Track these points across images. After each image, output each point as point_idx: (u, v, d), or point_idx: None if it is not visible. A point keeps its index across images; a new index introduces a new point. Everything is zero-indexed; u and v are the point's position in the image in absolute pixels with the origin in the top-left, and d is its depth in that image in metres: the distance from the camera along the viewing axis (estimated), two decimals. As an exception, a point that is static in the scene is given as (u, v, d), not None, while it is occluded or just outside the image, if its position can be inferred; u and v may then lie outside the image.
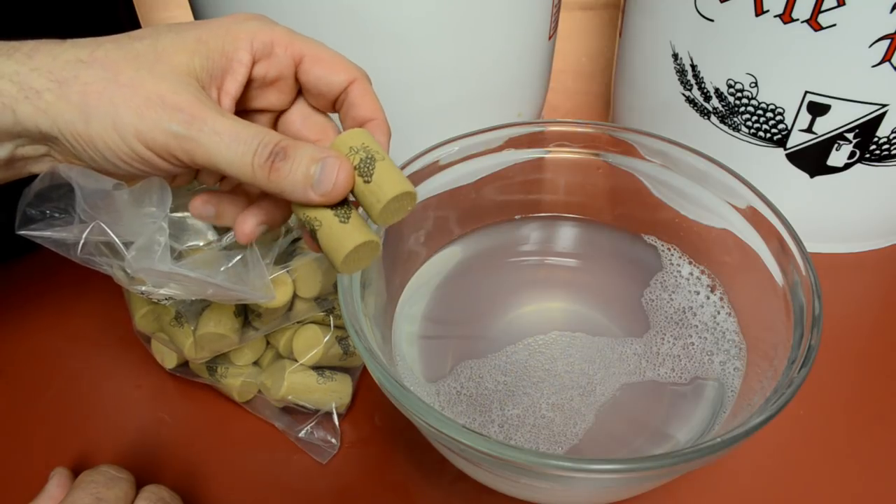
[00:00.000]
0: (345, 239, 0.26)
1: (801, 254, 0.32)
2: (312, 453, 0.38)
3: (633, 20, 0.51)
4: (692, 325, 0.37)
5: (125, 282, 0.34)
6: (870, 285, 0.49)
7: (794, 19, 0.39)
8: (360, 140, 0.27)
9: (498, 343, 0.37)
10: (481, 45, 0.47)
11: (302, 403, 0.38)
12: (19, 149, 0.26)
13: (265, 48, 0.28)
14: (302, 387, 0.38)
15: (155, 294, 0.34)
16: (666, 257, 0.40)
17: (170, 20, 0.78)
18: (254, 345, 0.39)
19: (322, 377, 0.38)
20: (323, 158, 0.25)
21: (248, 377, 0.39)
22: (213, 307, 0.37)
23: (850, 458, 0.38)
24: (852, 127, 0.41)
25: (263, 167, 0.25)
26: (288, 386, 0.37)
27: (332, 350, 0.38)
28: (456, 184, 0.39)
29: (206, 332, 0.36)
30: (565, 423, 0.33)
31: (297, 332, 0.38)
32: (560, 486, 0.29)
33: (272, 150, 0.25)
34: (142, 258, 0.32)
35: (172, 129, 0.24)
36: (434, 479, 0.37)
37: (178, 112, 0.24)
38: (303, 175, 0.25)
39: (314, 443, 0.38)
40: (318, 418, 0.39)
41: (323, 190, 0.25)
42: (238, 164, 0.25)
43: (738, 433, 0.26)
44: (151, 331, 0.40)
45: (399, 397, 0.27)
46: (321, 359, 0.38)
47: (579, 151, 0.40)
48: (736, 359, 0.35)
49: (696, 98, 0.46)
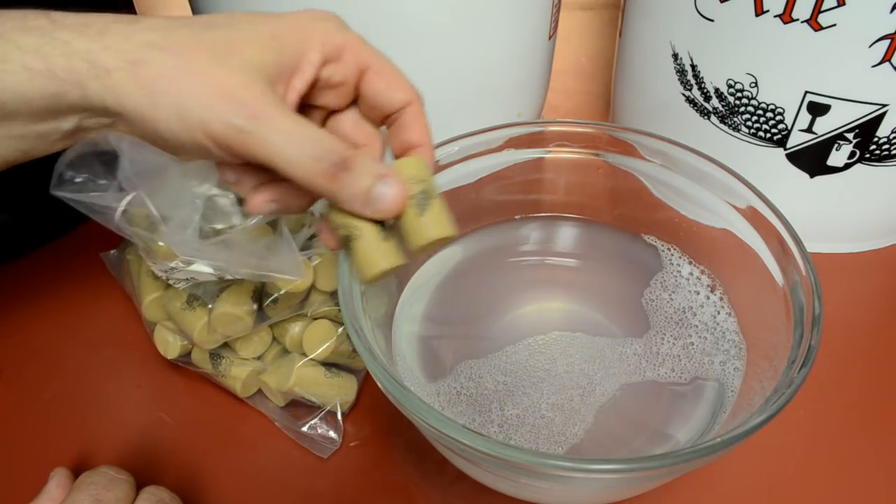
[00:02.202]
0: (381, 257, 0.27)
1: (801, 254, 0.32)
2: (313, 448, 0.38)
3: (633, 20, 0.51)
4: (692, 325, 0.37)
5: (153, 255, 0.34)
6: (870, 285, 0.49)
7: (794, 19, 0.39)
8: (419, 172, 0.28)
9: (498, 343, 0.37)
10: (481, 45, 0.47)
11: (308, 397, 0.38)
12: (84, 121, 0.26)
13: (336, 52, 0.28)
14: (310, 380, 0.38)
15: (183, 272, 0.35)
16: (666, 257, 0.40)
17: (170, 20, 0.78)
18: (261, 337, 0.39)
19: (329, 372, 0.38)
20: (384, 177, 0.26)
21: (252, 372, 0.39)
22: (231, 289, 0.37)
23: (851, 458, 0.38)
24: (852, 127, 0.41)
25: (325, 174, 0.25)
26: (297, 377, 0.37)
27: (342, 346, 0.38)
28: (456, 184, 0.39)
29: (223, 311, 0.36)
30: (565, 423, 0.33)
31: (308, 326, 0.38)
32: (560, 486, 0.29)
33: (337, 160, 0.25)
34: (179, 232, 0.32)
35: (236, 122, 0.24)
36: (434, 479, 0.37)
37: (244, 107, 0.24)
38: (363, 189, 0.26)
39: (315, 438, 0.38)
40: (322, 414, 0.39)
41: (377, 208, 0.26)
42: (297, 165, 0.25)
43: (738, 433, 0.26)
44: (157, 318, 0.40)
45: (399, 397, 0.27)
46: (331, 354, 0.38)
47: (579, 151, 0.40)
48: (736, 359, 0.35)
49: (696, 98, 0.46)
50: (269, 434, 0.39)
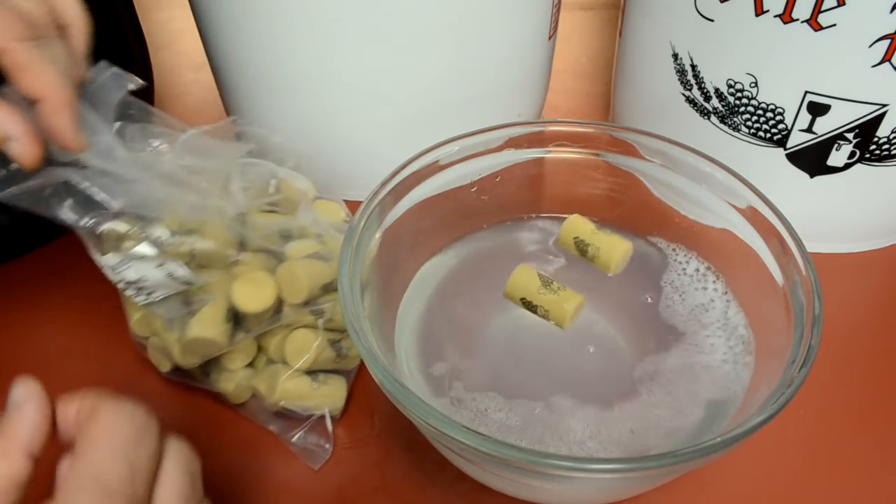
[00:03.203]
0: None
1: (801, 254, 0.32)
2: (305, 458, 0.38)
3: (633, 20, 0.51)
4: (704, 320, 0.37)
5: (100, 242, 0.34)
6: (870, 285, 0.49)
7: (794, 19, 0.39)
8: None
9: (498, 343, 0.37)
10: (481, 46, 0.47)
11: (295, 409, 0.38)
12: None
13: None
14: (295, 393, 0.37)
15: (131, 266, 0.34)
16: (672, 257, 0.40)
17: (170, 20, 0.78)
18: (245, 349, 0.38)
19: (316, 382, 0.38)
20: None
21: (242, 380, 0.38)
22: (203, 311, 0.36)
23: (851, 458, 0.38)
24: (852, 127, 0.41)
25: None
26: (281, 392, 0.37)
27: (324, 354, 0.38)
28: (456, 184, 0.39)
29: (192, 337, 0.35)
30: (566, 423, 0.33)
31: (287, 337, 0.38)
32: (560, 486, 0.29)
33: None
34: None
35: None
36: (434, 479, 0.37)
37: None
38: None
39: (308, 447, 0.38)
40: (312, 423, 0.39)
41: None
42: None
43: (738, 433, 0.26)
44: (146, 335, 0.39)
45: (399, 397, 0.27)
46: (313, 363, 0.37)
47: (579, 151, 0.40)
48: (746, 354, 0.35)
49: (696, 98, 0.46)
50: (264, 439, 0.39)
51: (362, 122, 0.48)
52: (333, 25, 0.43)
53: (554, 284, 0.37)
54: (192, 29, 0.51)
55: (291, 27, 0.43)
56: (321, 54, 0.44)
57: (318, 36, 0.44)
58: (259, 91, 0.49)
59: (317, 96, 0.47)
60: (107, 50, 0.40)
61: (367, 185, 0.37)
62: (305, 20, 0.43)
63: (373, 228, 0.35)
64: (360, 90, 0.46)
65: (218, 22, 0.46)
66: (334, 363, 0.39)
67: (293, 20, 0.43)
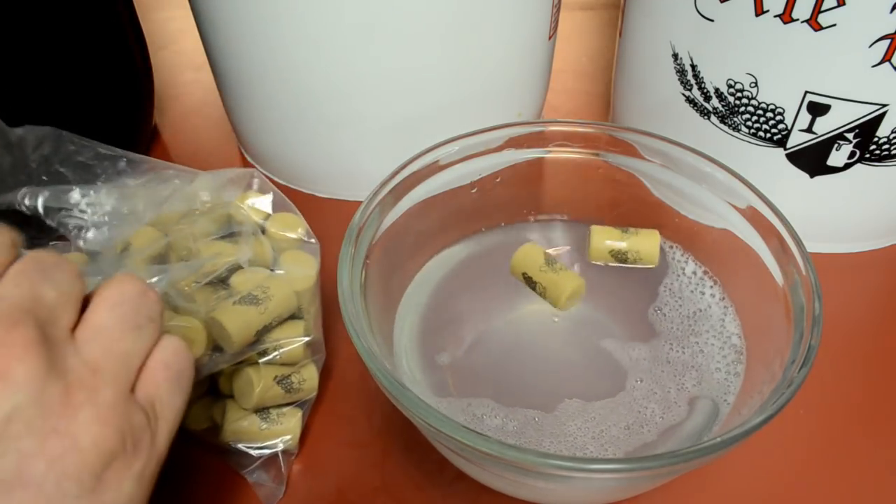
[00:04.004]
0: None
1: (801, 254, 0.32)
2: (260, 494, 0.36)
3: (633, 20, 0.51)
4: (698, 327, 0.37)
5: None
6: (870, 285, 0.49)
7: (794, 19, 0.39)
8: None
9: (498, 343, 0.37)
10: (481, 46, 0.47)
11: (246, 449, 0.36)
12: None
13: None
14: (245, 434, 0.36)
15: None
16: (671, 256, 0.40)
17: (170, 20, 0.78)
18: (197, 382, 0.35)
19: (266, 421, 0.36)
20: None
21: (199, 409, 0.37)
22: None
23: (851, 458, 0.38)
24: (852, 127, 0.41)
25: None
26: (230, 432, 0.36)
27: (270, 392, 0.36)
28: (456, 184, 0.39)
29: None
30: (565, 424, 0.33)
31: (233, 376, 0.36)
32: (560, 486, 0.29)
33: None
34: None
35: None
36: (434, 479, 0.37)
37: None
38: None
39: (262, 483, 0.36)
40: (264, 460, 0.37)
41: None
42: None
43: (738, 433, 0.26)
44: None
45: (399, 397, 0.27)
46: (260, 402, 0.36)
47: (579, 151, 0.40)
48: (737, 363, 0.35)
49: (696, 98, 0.46)
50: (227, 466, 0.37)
51: (362, 121, 0.48)
52: (333, 25, 0.43)
53: (557, 265, 0.37)
54: (192, 29, 0.51)
55: (291, 27, 0.43)
56: (321, 54, 0.44)
57: (317, 36, 0.44)
58: (259, 91, 0.49)
59: (316, 96, 0.47)
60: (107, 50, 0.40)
61: (366, 185, 0.37)
62: (305, 20, 0.43)
63: (373, 228, 0.35)
64: (359, 90, 0.46)
65: (218, 22, 0.47)
66: (285, 398, 0.37)
67: (293, 20, 0.43)
